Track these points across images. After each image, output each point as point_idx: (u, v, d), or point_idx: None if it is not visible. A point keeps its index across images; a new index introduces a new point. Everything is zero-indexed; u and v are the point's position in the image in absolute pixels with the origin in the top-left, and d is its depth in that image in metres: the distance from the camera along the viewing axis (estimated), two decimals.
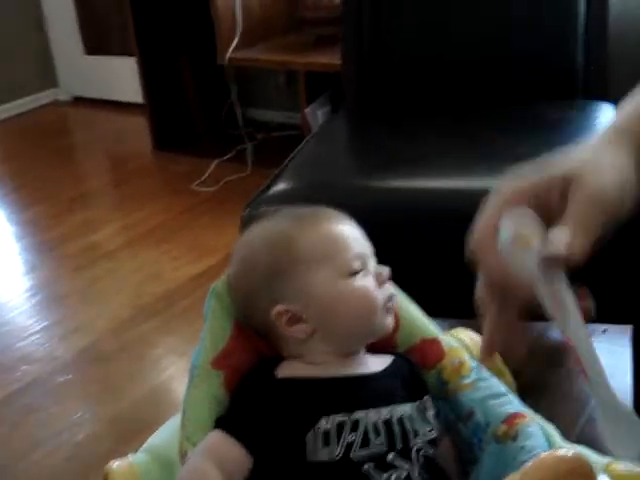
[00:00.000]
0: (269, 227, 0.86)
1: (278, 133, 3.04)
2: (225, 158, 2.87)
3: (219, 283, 0.89)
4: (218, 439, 0.76)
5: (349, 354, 0.83)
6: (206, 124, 3.16)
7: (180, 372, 1.73)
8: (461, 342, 0.98)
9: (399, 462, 0.76)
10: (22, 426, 1.61)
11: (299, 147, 1.58)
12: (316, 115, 2.45)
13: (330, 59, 2.26)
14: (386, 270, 0.84)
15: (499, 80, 1.68)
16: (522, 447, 0.76)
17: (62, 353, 1.85)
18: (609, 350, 1.63)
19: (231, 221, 1.64)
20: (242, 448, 0.75)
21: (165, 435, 0.89)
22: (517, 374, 1.57)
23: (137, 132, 3.25)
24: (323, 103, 2.46)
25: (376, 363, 0.85)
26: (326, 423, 0.75)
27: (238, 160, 2.84)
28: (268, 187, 1.41)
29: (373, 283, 0.82)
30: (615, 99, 1.66)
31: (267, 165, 2.74)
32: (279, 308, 0.82)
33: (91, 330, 1.94)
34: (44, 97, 3.92)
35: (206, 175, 2.77)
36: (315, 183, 1.38)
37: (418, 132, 1.51)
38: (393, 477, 0.74)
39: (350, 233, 0.84)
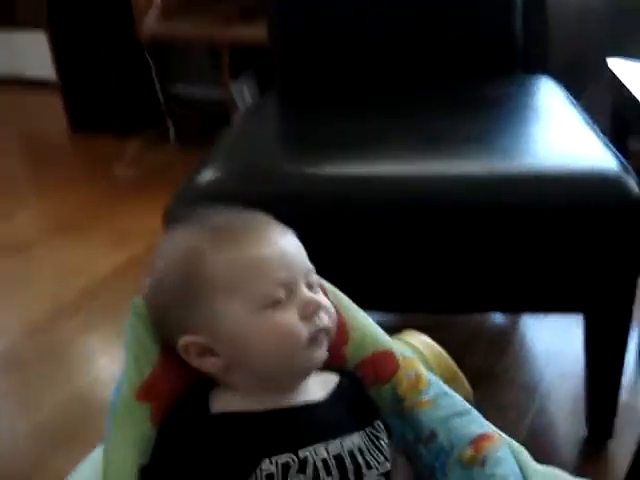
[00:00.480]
0: (181, 241, 0.73)
1: (202, 109, 2.89)
2: (147, 137, 2.72)
3: (139, 301, 0.76)
4: None
5: (280, 387, 0.72)
6: (125, 102, 2.97)
7: (105, 373, 1.61)
8: (413, 348, 0.90)
9: None
10: None
11: (226, 131, 1.46)
12: (242, 91, 2.32)
13: (256, 32, 2.13)
14: (317, 299, 0.71)
15: (436, 56, 1.59)
16: (492, 475, 0.68)
17: None
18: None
19: (154, 206, 1.51)
20: None
21: (87, 474, 0.77)
22: (459, 363, 1.53)
23: (51, 112, 3.04)
24: (249, 79, 2.33)
25: (318, 387, 0.74)
26: (269, 465, 0.65)
27: (161, 139, 2.69)
28: (194, 176, 1.29)
29: (295, 317, 0.69)
30: (554, 72, 1.62)
31: (191, 144, 2.62)
32: (185, 339, 0.70)
33: (4, 334, 1.78)
34: None
35: (128, 156, 2.62)
36: (244, 172, 1.27)
37: (353, 114, 1.41)
38: None
39: (274, 253, 0.70)
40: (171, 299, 0.71)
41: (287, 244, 0.72)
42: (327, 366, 0.77)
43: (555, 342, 1.58)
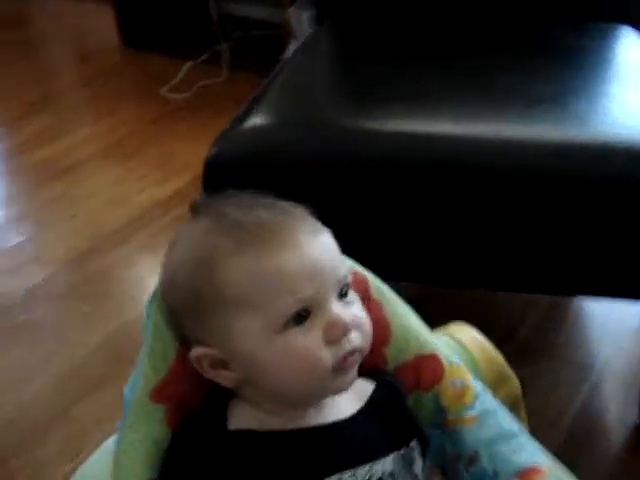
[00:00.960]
0: (197, 238, 0.63)
1: (258, 32, 2.75)
2: (199, 60, 2.61)
3: (160, 290, 0.69)
4: None
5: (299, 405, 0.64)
6: (179, 20, 2.85)
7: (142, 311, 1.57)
8: (458, 344, 0.82)
9: None
10: None
11: (276, 70, 1.35)
12: (300, 17, 2.19)
13: None
14: (345, 319, 0.60)
15: (509, 2, 1.43)
16: None
17: (11, 290, 1.66)
18: None
19: (205, 133, 1.44)
20: None
21: (101, 465, 0.72)
22: (513, 332, 1.44)
23: (104, 26, 2.94)
24: (308, 4, 2.19)
25: (349, 400, 0.66)
26: None
27: (214, 62, 2.58)
28: (240, 119, 1.20)
29: (319, 341, 0.59)
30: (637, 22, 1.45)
31: (244, 70, 2.50)
32: (197, 352, 0.62)
33: (47, 263, 1.75)
34: None
35: (178, 78, 2.52)
36: (293, 121, 1.18)
37: (415, 63, 1.29)
38: None
39: (301, 265, 0.59)
40: (183, 302, 0.63)
41: (319, 248, 0.61)
42: (363, 368, 0.70)
43: (612, 318, 1.47)
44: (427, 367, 0.73)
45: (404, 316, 0.75)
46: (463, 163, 1.06)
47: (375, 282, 0.75)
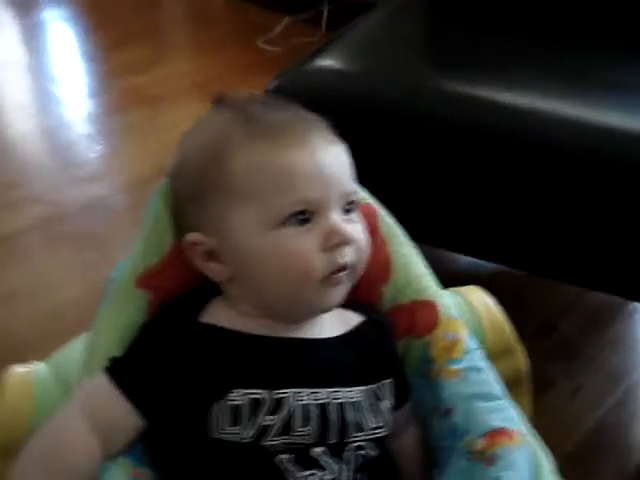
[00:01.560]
0: (214, 126, 0.64)
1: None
2: (299, 17, 2.60)
3: (168, 182, 0.69)
4: (103, 389, 0.59)
5: (280, 314, 0.63)
6: None
7: None
8: (467, 305, 0.79)
9: (326, 460, 0.59)
10: (10, 272, 1.50)
11: (362, 18, 1.34)
12: None
13: None
14: (344, 230, 0.59)
15: None
16: (496, 478, 0.58)
17: (72, 201, 1.71)
18: None
19: None
20: (131, 407, 0.58)
21: (73, 352, 0.73)
22: (552, 329, 1.39)
23: None
24: None
25: (331, 325, 0.65)
26: (238, 397, 0.58)
27: (313, 22, 2.57)
28: (311, 57, 1.19)
29: (314, 245, 0.58)
30: None
31: None
32: (193, 236, 0.62)
33: (109, 181, 1.80)
34: None
35: (275, 32, 2.52)
36: (361, 70, 1.16)
37: (507, 35, 1.25)
38: (315, 478, 0.57)
39: (310, 167, 0.59)
40: (187, 187, 0.64)
41: (330, 157, 0.61)
42: (355, 303, 0.68)
43: None
44: (422, 313, 0.71)
45: (409, 258, 0.73)
46: (533, 137, 1.03)
47: (385, 219, 0.73)
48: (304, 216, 0.59)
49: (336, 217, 0.60)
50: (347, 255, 0.60)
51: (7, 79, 2.32)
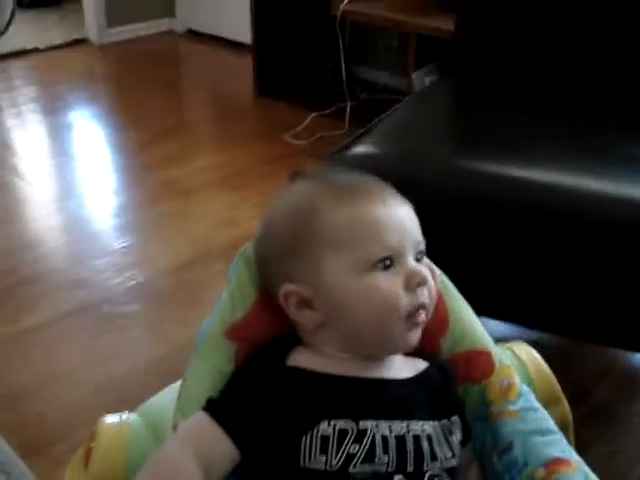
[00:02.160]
0: (300, 192, 0.74)
1: (382, 95, 2.90)
2: (323, 113, 2.77)
3: (249, 246, 0.79)
4: (204, 425, 0.66)
5: (368, 356, 0.72)
6: (310, 75, 3.05)
7: None
8: (517, 359, 0.86)
9: None
10: (60, 351, 1.58)
11: (395, 107, 1.46)
12: (423, 82, 2.30)
13: (445, 24, 2.10)
14: (423, 272, 0.69)
15: (628, 75, 1.48)
16: None
17: (117, 283, 1.81)
18: None
19: None
20: (229, 440, 0.65)
21: (164, 400, 0.81)
22: (586, 394, 1.44)
23: (243, 73, 3.18)
24: (432, 70, 2.31)
25: (403, 368, 0.73)
26: (327, 427, 0.65)
27: (336, 117, 2.73)
28: (349, 145, 1.31)
29: (399, 285, 0.68)
30: None
31: (365, 126, 2.63)
32: (288, 288, 0.71)
33: (152, 266, 1.90)
34: (160, 25, 3.90)
35: (301, 127, 2.68)
36: (396, 154, 1.26)
37: (522, 112, 1.36)
38: None
39: (389, 219, 0.69)
40: (279, 246, 0.72)
41: (404, 212, 0.72)
42: (419, 354, 0.76)
43: None
44: (478, 361, 0.78)
45: (463, 312, 0.80)
46: (555, 210, 1.12)
47: (441, 277, 0.82)
48: (388, 262, 0.68)
49: (413, 262, 0.70)
50: (424, 295, 0.69)
51: (41, 175, 2.46)
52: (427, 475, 0.67)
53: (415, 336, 0.70)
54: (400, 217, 0.70)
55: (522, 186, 1.14)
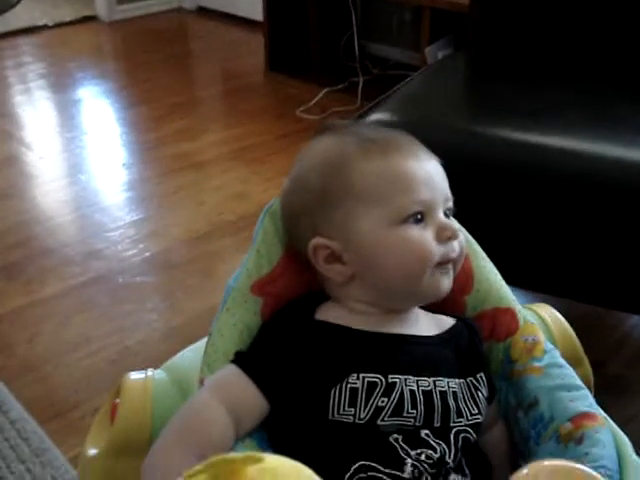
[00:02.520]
0: (330, 145, 0.73)
1: (394, 71, 2.88)
2: (336, 88, 2.76)
3: (277, 200, 0.78)
4: (233, 378, 0.66)
5: (395, 310, 0.72)
6: (322, 51, 3.03)
7: None
8: (540, 319, 0.86)
9: (433, 441, 0.65)
10: (74, 321, 1.59)
11: (409, 77, 1.45)
12: (436, 55, 2.29)
13: None
14: (454, 226, 0.70)
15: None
16: (586, 453, 0.64)
17: (131, 255, 1.81)
18: None
19: None
20: (258, 392, 0.65)
21: (190, 357, 0.81)
22: (600, 364, 1.44)
23: (253, 50, 3.18)
24: (445, 45, 2.29)
25: (430, 326, 0.73)
26: (356, 380, 0.65)
27: (348, 92, 2.72)
28: (365, 114, 1.30)
29: (430, 236, 0.68)
30: None
31: None
32: (318, 241, 0.70)
33: (165, 237, 1.90)
34: (170, 2, 3.88)
35: (313, 102, 2.67)
36: (414, 119, 1.26)
37: (538, 84, 1.36)
38: (423, 456, 0.63)
39: (421, 173, 0.69)
40: (309, 199, 0.71)
41: (434, 166, 0.72)
42: (445, 312, 0.76)
43: None
44: (503, 319, 0.78)
45: (489, 271, 0.81)
46: (574, 175, 1.11)
47: (468, 236, 0.81)
48: (419, 217, 0.68)
49: (443, 216, 0.70)
50: (455, 248, 0.70)
51: (52, 150, 2.46)
52: (453, 431, 0.67)
53: (445, 284, 0.70)
54: (431, 171, 0.70)
55: (540, 151, 1.13)
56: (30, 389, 1.39)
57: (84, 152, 2.44)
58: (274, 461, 0.41)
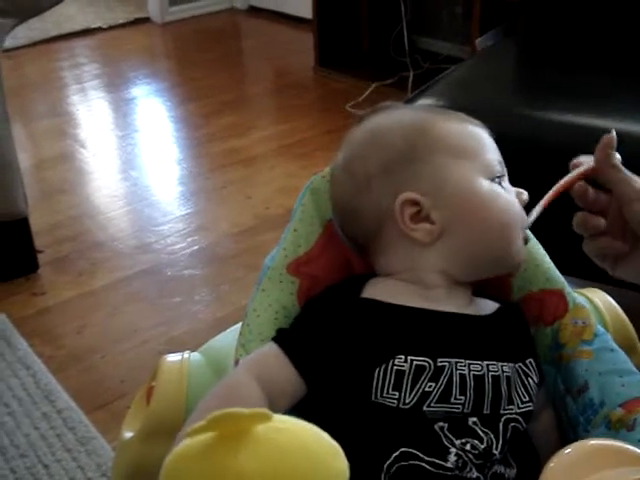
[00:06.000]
0: (401, 114, 0.72)
1: (445, 65, 2.84)
2: (385, 83, 2.73)
3: (318, 177, 0.76)
4: (270, 355, 0.64)
5: (457, 284, 0.68)
6: (372, 46, 3.01)
7: None
8: (592, 304, 0.82)
9: (481, 430, 0.61)
10: (122, 313, 1.60)
11: (455, 66, 1.42)
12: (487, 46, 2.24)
13: None
14: (526, 193, 0.70)
15: None
16: (639, 440, 0.60)
17: (179, 248, 1.82)
18: None
19: None
20: (295, 373, 0.63)
21: (226, 339, 0.79)
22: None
23: (303, 47, 3.16)
24: (496, 36, 2.24)
25: (481, 306, 0.70)
26: (403, 362, 0.61)
27: (398, 87, 2.69)
28: (413, 99, 1.27)
29: (516, 199, 0.68)
30: None
31: None
32: (407, 195, 0.66)
33: (213, 231, 1.90)
34: (220, 3, 3.90)
35: (362, 97, 2.64)
36: (462, 104, 1.22)
37: (587, 69, 1.31)
38: (468, 446, 0.60)
39: (490, 140, 0.70)
40: (389, 159, 0.68)
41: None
42: (489, 294, 0.73)
43: None
44: (551, 301, 0.74)
45: (536, 252, 0.77)
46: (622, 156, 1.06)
47: None
48: (499, 180, 0.68)
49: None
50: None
51: (105, 147, 2.49)
52: (503, 419, 0.63)
53: (524, 253, 0.70)
54: (493, 141, 0.71)
55: (590, 133, 1.08)
56: (77, 379, 1.41)
57: (135, 149, 2.46)
58: (284, 420, 0.39)
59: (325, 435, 0.42)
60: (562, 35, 1.53)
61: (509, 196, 0.68)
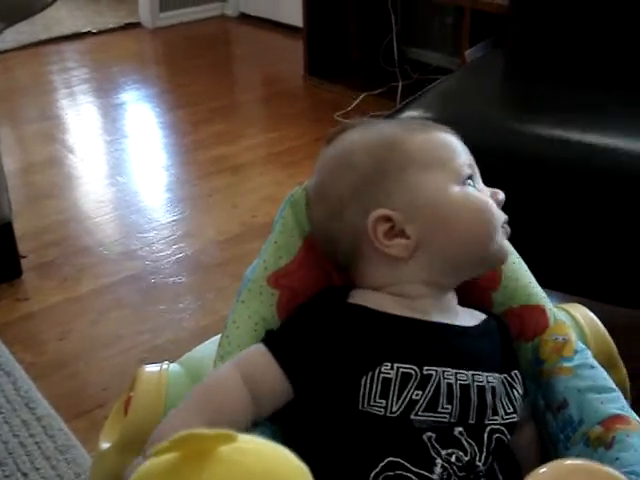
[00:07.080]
0: (368, 131, 0.72)
1: (434, 76, 2.84)
2: (374, 93, 2.73)
3: (299, 190, 0.76)
4: (257, 354, 0.65)
5: (442, 292, 0.69)
6: (362, 56, 3.01)
7: None
8: (573, 319, 0.82)
9: (466, 441, 0.61)
10: (106, 319, 1.59)
11: (443, 78, 1.42)
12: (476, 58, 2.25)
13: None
14: (502, 192, 0.70)
15: None
16: (616, 459, 0.60)
17: (165, 255, 1.81)
18: None
19: None
20: (281, 372, 0.63)
21: (206, 350, 0.79)
22: (637, 375, 1.38)
23: (294, 55, 3.16)
24: (485, 47, 2.25)
25: (467, 317, 0.70)
26: (389, 369, 0.61)
27: (387, 97, 2.69)
28: (400, 111, 1.27)
29: (489, 198, 0.69)
30: None
31: None
32: (380, 212, 0.67)
33: (198, 239, 1.89)
34: (211, 10, 3.90)
35: (352, 106, 2.65)
36: (449, 116, 1.22)
37: (576, 83, 1.32)
38: (453, 457, 0.60)
39: (457, 142, 0.71)
40: (361, 179, 0.68)
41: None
42: (472, 305, 0.73)
43: None
44: (531, 317, 0.75)
45: (518, 268, 0.77)
46: (611, 171, 1.07)
47: None
48: (471, 182, 0.68)
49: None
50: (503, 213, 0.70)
51: (93, 152, 2.48)
52: (487, 429, 0.63)
53: (504, 249, 0.70)
54: (461, 143, 0.72)
55: (579, 148, 1.09)
56: (59, 386, 1.39)
57: (124, 155, 2.45)
58: (248, 440, 0.39)
59: (291, 456, 0.41)
60: (551, 48, 1.53)
61: (482, 196, 0.68)
